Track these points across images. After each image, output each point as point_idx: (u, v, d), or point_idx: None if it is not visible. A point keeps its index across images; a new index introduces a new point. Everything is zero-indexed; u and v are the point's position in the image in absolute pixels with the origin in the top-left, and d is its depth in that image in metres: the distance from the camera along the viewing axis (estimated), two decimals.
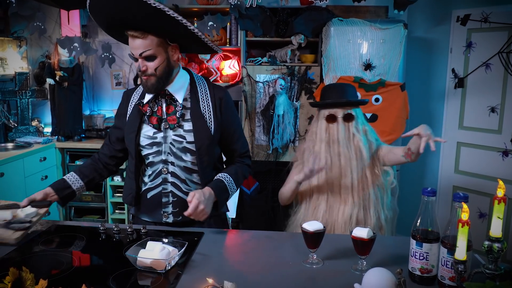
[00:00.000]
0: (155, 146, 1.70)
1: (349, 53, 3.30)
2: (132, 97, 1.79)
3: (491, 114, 3.34)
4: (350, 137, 1.89)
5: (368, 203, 1.90)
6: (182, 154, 1.69)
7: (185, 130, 1.68)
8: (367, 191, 1.90)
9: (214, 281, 1.16)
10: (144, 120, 1.72)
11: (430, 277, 1.26)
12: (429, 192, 1.28)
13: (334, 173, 1.90)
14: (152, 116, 1.69)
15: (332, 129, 1.91)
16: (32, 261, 1.41)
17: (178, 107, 1.68)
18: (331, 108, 1.92)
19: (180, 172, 1.71)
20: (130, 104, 1.78)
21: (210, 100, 1.73)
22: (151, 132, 1.70)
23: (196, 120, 1.68)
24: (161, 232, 1.67)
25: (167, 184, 1.71)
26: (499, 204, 0.91)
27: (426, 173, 3.85)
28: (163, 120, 1.69)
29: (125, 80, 4.10)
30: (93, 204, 3.80)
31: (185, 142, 1.68)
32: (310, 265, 1.39)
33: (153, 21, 1.53)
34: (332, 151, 1.90)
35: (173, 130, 1.68)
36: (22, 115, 3.95)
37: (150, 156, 1.72)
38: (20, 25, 3.95)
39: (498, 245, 0.94)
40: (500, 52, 3.23)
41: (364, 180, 1.90)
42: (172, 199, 1.72)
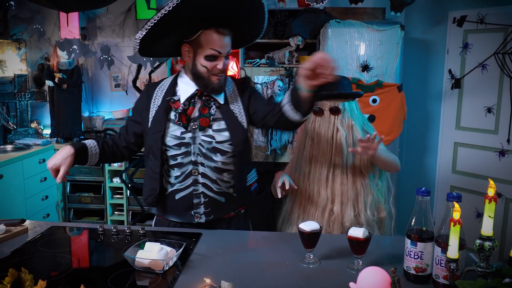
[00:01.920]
0: (183, 147, 1.65)
1: (347, 54, 3.31)
2: (155, 93, 1.73)
3: (487, 114, 3.36)
4: (333, 131, 1.87)
5: (346, 199, 1.87)
6: (212, 155, 1.65)
7: (214, 130, 1.65)
8: (346, 187, 1.87)
9: (211, 281, 1.18)
10: (170, 119, 1.67)
11: (425, 276, 1.28)
12: (423, 192, 1.30)
13: (313, 167, 1.91)
14: (182, 114, 1.65)
15: (316, 122, 1.90)
16: (31, 262, 1.43)
17: (213, 109, 1.65)
18: (320, 101, 1.87)
19: (210, 172, 1.67)
20: (153, 100, 1.72)
21: (239, 95, 1.72)
22: (179, 132, 1.65)
23: (228, 118, 1.67)
24: (160, 233, 1.69)
25: (198, 185, 1.67)
26: (490, 203, 0.93)
27: (423, 173, 3.87)
28: (192, 120, 1.65)
29: (124, 82, 4.11)
30: (92, 206, 3.82)
31: (214, 142, 1.64)
32: (307, 264, 1.41)
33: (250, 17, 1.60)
34: (315, 144, 1.90)
35: (202, 131, 1.65)
36: (21, 117, 3.97)
37: (178, 157, 1.66)
38: (19, 27, 3.97)
39: (489, 244, 0.96)
40: (496, 53, 3.25)
41: (343, 176, 1.88)
42: (204, 200, 1.68)
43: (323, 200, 1.87)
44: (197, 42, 1.58)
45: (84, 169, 3.76)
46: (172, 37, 1.61)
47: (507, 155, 3.25)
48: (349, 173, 1.88)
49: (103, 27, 4.04)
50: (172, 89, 1.71)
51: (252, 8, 1.60)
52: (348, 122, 1.87)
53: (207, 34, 1.56)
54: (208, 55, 1.58)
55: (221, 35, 1.57)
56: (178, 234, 1.66)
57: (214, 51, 1.57)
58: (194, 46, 1.60)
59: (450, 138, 3.67)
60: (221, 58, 1.60)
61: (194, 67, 1.62)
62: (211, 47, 1.57)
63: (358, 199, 1.88)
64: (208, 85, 1.63)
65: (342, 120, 1.87)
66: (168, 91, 1.71)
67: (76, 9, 3.21)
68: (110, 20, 4.01)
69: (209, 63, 1.59)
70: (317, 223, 1.43)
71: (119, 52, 4.04)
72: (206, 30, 1.56)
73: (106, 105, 4.19)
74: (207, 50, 1.57)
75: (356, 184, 1.89)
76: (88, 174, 3.77)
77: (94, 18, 4.03)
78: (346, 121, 1.87)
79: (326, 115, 1.88)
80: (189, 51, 1.62)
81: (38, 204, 3.53)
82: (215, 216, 1.71)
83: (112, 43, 3.98)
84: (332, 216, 1.86)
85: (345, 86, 1.86)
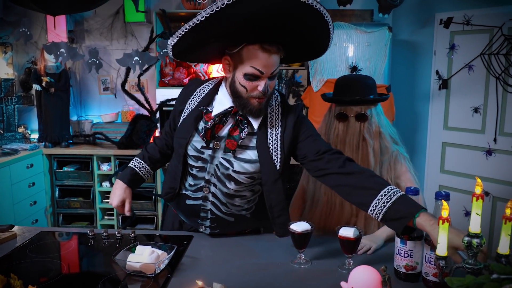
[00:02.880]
0: (200, 161, 1.55)
1: (335, 56, 3.34)
2: (194, 94, 1.59)
3: (474, 114, 3.41)
4: (358, 140, 1.68)
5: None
6: (226, 181, 1.53)
7: (236, 157, 1.50)
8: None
9: (203, 283, 1.18)
10: (197, 128, 1.54)
11: (415, 274, 1.30)
12: (412, 191, 1.32)
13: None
14: (209, 129, 1.50)
15: (340, 129, 1.70)
16: (20, 268, 1.41)
17: (244, 132, 1.47)
18: (342, 105, 1.70)
19: (221, 196, 1.57)
20: (190, 101, 1.59)
21: (280, 127, 1.50)
22: (199, 145, 1.53)
23: (261, 150, 1.48)
24: (150, 236, 1.68)
25: (207, 202, 1.59)
26: (477, 201, 0.95)
27: None
28: (216, 139, 1.52)
29: (112, 86, 4.09)
30: (81, 211, 3.78)
31: (231, 170, 1.51)
32: (298, 265, 1.41)
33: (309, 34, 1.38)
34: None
35: (223, 154, 1.52)
36: (8, 122, 3.92)
37: (194, 168, 1.57)
38: (5, 31, 3.92)
39: (477, 241, 0.98)
40: (482, 54, 3.30)
41: None
42: (211, 216, 1.60)
43: (347, 213, 1.71)
44: (238, 56, 1.40)
45: (73, 173, 3.73)
46: (211, 47, 1.44)
47: (494, 154, 3.30)
48: None
49: (91, 30, 4.02)
50: (210, 96, 1.56)
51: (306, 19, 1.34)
52: (375, 129, 1.68)
53: (250, 50, 1.37)
54: (248, 74, 1.39)
55: (266, 53, 1.36)
56: (169, 237, 1.66)
57: (255, 70, 1.38)
58: (235, 60, 1.42)
59: (438, 138, 3.71)
60: (264, 78, 1.40)
61: (233, 84, 1.44)
62: (252, 65, 1.37)
63: None
64: (246, 106, 1.44)
65: (369, 127, 1.67)
66: (206, 96, 1.57)
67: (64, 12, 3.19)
68: (98, 23, 3.99)
69: (249, 83, 1.40)
70: (309, 223, 1.44)
71: (107, 55, 4.01)
72: (250, 44, 1.37)
73: (95, 108, 4.16)
74: (248, 67, 1.38)
75: None
76: (77, 179, 3.73)
77: (81, 21, 4.01)
78: (373, 129, 1.68)
79: (351, 122, 1.68)
80: (230, 64, 1.45)
81: (26, 210, 3.48)
82: (221, 231, 1.64)
83: (100, 46, 3.96)
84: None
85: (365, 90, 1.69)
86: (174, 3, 3.90)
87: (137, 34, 3.98)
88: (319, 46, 1.50)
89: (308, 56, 1.69)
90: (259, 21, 1.29)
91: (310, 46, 1.50)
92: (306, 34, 1.40)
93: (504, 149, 3.24)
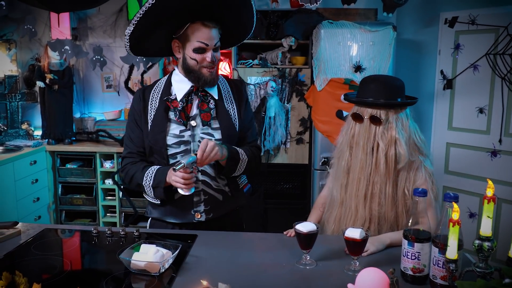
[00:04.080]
0: (182, 145, 1.69)
1: (339, 55, 3.32)
2: (151, 96, 1.74)
3: (479, 115, 3.39)
4: (373, 144, 1.60)
5: (384, 220, 1.63)
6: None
7: (212, 128, 1.71)
8: (384, 208, 1.61)
9: (208, 283, 1.17)
10: (169, 119, 1.70)
11: (422, 277, 1.28)
12: (420, 192, 1.30)
13: (351, 179, 1.67)
14: (182, 112, 1.68)
15: (356, 130, 1.64)
16: (25, 265, 1.41)
17: (211, 104, 1.70)
18: (359, 106, 1.64)
19: (210, 169, 1.72)
20: (150, 103, 1.73)
21: (233, 96, 1.78)
22: (177, 131, 1.69)
23: (223, 118, 1.72)
24: (155, 235, 1.67)
25: (198, 183, 1.70)
26: (488, 203, 0.93)
27: None
28: (191, 118, 1.69)
29: (115, 83, 4.08)
30: (84, 208, 3.78)
31: (213, 140, 1.67)
32: (304, 266, 1.40)
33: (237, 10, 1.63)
34: (354, 153, 1.65)
35: (201, 129, 1.69)
36: (12, 118, 3.92)
37: (178, 155, 1.70)
38: (9, 27, 3.91)
39: (488, 244, 0.96)
40: (487, 54, 3.28)
41: (381, 195, 1.61)
42: (204, 197, 1.72)
43: (361, 218, 1.63)
44: (185, 36, 1.63)
45: (76, 170, 3.72)
46: (161, 33, 1.64)
47: (499, 155, 3.28)
48: (389, 193, 1.60)
49: (95, 28, 4.00)
50: (167, 90, 1.74)
51: (239, 2, 1.63)
52: (390, 135, 1.58)
53: (193, 27, 1.61)
54: (196, 48, 1.62)
55: (207, 28, 1.61)
56: (173, 236, 1.65)
57: (201, 43, 1.62)
58: (182, 40, 1.64)
59: (442, 139, 3.69)
60: (209, 50, 1.64)
61: (185, 61, 1.66)
62: (198, 40, 1.61)
63: (398, 222, 1.63)
64: (200, 77, 1.66)
65: (384, 132, 1.59)
66: (163, 92, 1.74)
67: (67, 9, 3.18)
68: (101, 21, 3.98)
69: (198, 56, 1.63)
70: (315, 224, 1.43)
71: (111, 53, 4.00)
72: (193, 23, 1.60)
73: (98, 106, 4.15)
74: (195, 42, 1.62)
75: (397, 205, 1.62)
76: (80, 176, 3.73)
77: (85, 19, 4.00)
78: (387, 134, 1.58)
79: (366, 124, 1.61)
80: (179, 46, 1.67)
81: (29, 206, 3.48)
82: (214, 215, 1.74)
83: (103, 43, 3.95)
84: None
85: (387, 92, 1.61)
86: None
87: None
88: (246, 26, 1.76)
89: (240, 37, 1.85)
90: (197, 2, 1.54)
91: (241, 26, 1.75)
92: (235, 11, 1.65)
93: (510, 150, 3.22)
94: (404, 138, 1.59)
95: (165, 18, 1.58)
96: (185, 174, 1.56)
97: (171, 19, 1.59)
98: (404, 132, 1.60)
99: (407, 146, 1.59)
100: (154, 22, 1.58)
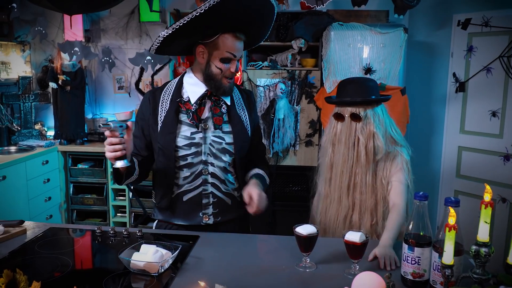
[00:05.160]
0: (193, 147, 1.69)
1: (350, 57, 3.30)
2: (161, 97, 1.74)
3: (492, 118, 3.33)
4: (354, 139, 1.77)
5: (365, 208, 1.80)
6: (222, 155, 1.71)
7: (224, 131, 1.72)
8: (365, 196, 1.80)
9: (206, 284, 1.17)
10: (180, 120, 1.70)
11: (422, 282, 1.26)
12: (421, 196, 1.29)
13: (334, 173, 1.84)
14: (195, 114, 1.69)
15: (338, 128, 1.81)
16: (28, 264, 1.43)
17: (223, 108, 1.72)
18: (340, 106, 1.81)
19: (220, 172, 1.72)
20: (160, 104, 1.72)
21: (243, 102, 1.81)
22: (188, 133, 1.69)
23: (235, 122, 1.74)
24: (156, 235, 1.68)
25: (207, 185, 1.71)
26: (486, 208, 0.92)
27: (427, 178, 3.83)
28: (203, 121, 1.70)
29: (127, 84, 4.12)
30: (95, 208, 3.82)
31: (224, 143, 1.71)
32: (304, 269, 1.40)
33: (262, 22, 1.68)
34: (336, 150, 1.82)
35: (212, 131, 1.70)
36: (25, 119, 3.99)
37: (188, 157, 1.69)
38: (24, 29, 3.99)
39: (485, 250, 0.95)
40: (501, 56, 3.22)
41: (362, 184, 1.79)
42: (213, 200, 1.73)
43: (345, 208, 1.82)
44: (214, 44, 1.63)
45: (87, 170, 3.77)
46: (191, 38, 1.66)
47: None
48: (369, 182, 1.79)
49: (107, 30, 4.06)
50: (178, 92, 1.74)
51: (266, 13, 1.66)
52: (368, 129, 1.75)
53: (225, 38, 1.61)
54: (224, 57, 1.63)
55: (237, 40, 1.63)
56: (175, 237, 1.66)
57: (230, 54, 1.63)
58: (210, 48, 1.64)
59: (454, 142, 3.63)
60: (235, 61, 1.66)
61: (208, 68, 1.66)
62: (227, 50, 1.62)
63: (377, 209, 1.79)
64: (219, 87, 1.68)
65: (363, 127, 1.76)
66: (174, 94, 1.73)
67: (79, 11, 3.22)
68: (113, 23, 4.03)
69: (224, 66, 1.64)
70: (314, 226, 1.42)
71: (122, 55, 4.05)
72: (225, 34, 1.61)
73: (109, 107, 4.21)
74: (224, 52, 1.62)
75: (376, 193, 1.80)
76: (91, 176, 3.78)
77: (97, 21, 4.05)
78: (366, 129, 1.75)
79: (347, 121, 1.77)
80: (204, 52, 1.66)
81: (41, 205, 3.54)
82: (222, 218, 1.75)
83: (115, 45, 4.00)
84: (351, 225, 1.81)
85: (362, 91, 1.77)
86: (188, 3, 3.91)
87: (152, 33, 4.00)
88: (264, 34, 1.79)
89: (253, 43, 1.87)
90: (236, 13, 1.55)
91: (259, 34, 1.77)
92: (260, 23, 1.70)
93: None
94: (381, 131, 1.77)
95: (200, 28, 1.59)
96: (113, 138, 1.45)
97: (205, 28, 1.60)
98: (381, 126, 1.78)
99: (384, 139, 1.77)
100: (189, 30, 1.59)
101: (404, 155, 1.81)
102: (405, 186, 1.78)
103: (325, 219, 1.87)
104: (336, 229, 1.86)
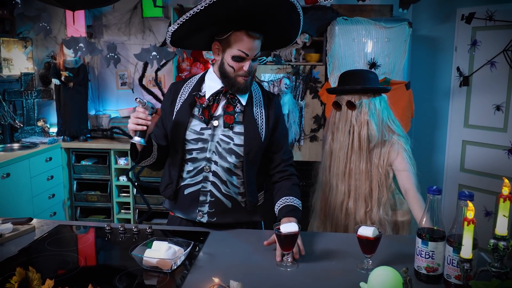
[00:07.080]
0: (200, 142, 1.67)
1: (354, 52, 3.29)
2: (183, 89, 1.75)
3: (496, 112, 3.33)
4: (350, 127, 1.87)
5: (359, 194, 1.87)
6: (227, 155, 1.67)
7: (234, 132, 1.67)
8: (360, 182, 1.87)
9: (220, 280, 1.17)
10: (193, 114, 1.69)
11: (436, 276, 1.26)
12: (434, 190, 1.28)
13: (332, 160, 1.94)
14: (205, 109, 1.67)
15: (336, 117, 1.92)
16: (39, 261, 1.42)
17: (238, 107, 1.67)
18: (339, 95, 1.93)
19: (222, 172, 1.68)
20: (180, 95, 1.73)
21: (263, 106, 1.73)
22: (199, 128, 1.67)
23: (248, 124, 1.68)
24: (167, 232, 1.68)
25: (207, 183, 1.68)
26: (504, 202, 0.91)
27: (431, 172, 3.84)
28: (214, 118, 1.67)
29: (130, 80, 4.11)
30: (99, 204, 3.82)
31: (232, 144, 1.66)
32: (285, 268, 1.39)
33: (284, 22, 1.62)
34: (335, 137, 1.93)
35: (222, 130, 1.67)
36: (27, 116, 3.98)
37: (194, 151, 1.68)
38: (25, 25, 3.97)
39: (504, 243, 0.94)
40: (505, 50, 3.22)
41: (357, 171, 1.87)
42: (210, 199, 1.69)
43: (341, 194, 1.90)
44: (226, 41, 1.60)
45: (90, 167, 3.77)
46: (204, 33, 1.63)
47: None
48: (363, 169, 1.87)
49: (109, 25, 4.04)
50: (198, 86, 1.74)
51: (285, 12, 1.59)
52: (362, 118, 1.85)
53: (237, 36, 1.57)
54: (235, 56, 1.59)
55: (250, 38, 1.57)
56: (185, 233, 1.66)
57: (242, 52, 1.58)
58: (223, 44, 1.61)
59: (458, 136, 3.63)
60: (248, 60, 1.60)
61: (222, 66, 1.64)
62: (239, 48, 1.58)
63: (372, 196, 1.87)
64: (234, 84, 1.64)
65: (358, 115, 1.85)
66: (194, 87, 1.73)
67: (82, 7, 3.20)
68: (116, 18, 4.01)
69: (236, 64, 1.60)
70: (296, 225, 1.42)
71: (125, 50, 4.03)
72: (237, 31, 1.57)
73: (113, 103, 4.19)
74: (235, 50, 1.58)
75: (372, 180, 1.88)
76: (94, 173, 3.77)
77: (100, 16, 4.03)
78: (361, 117, 1.85)
79: (344, 110, 1.89)
80: (219, 49, 1.64)
81: (44, 202, 3.54)
82: (219, 220, 1.70)
83: (118, 41, 3.98)
84: (347, 212, 1.87)
85: (362, 81, 1.86)
86: None
87: (155, 29, 3.98)
88: (290, 35, 1.72)
89: (281, 44, 1.83)
90: (246, 11, 1.51)
91: (283, 34, 1.72)
92: (281, 23, 1.63)
93: None
94: (375, 120, 1.85)
95: (209, 24, 1.57)
96: (141, 113, 1.52)
97: (215, 24, 1.58)
98: (376, 116, 1.86)
99: (377, 127, 1.85)
100: (198, 26, 1.58)
101: (402, 143, 1.88)
102: (410, 172, 1.85)
103: (325, 207, 1.96)
104: (334, 216, 1.92)
